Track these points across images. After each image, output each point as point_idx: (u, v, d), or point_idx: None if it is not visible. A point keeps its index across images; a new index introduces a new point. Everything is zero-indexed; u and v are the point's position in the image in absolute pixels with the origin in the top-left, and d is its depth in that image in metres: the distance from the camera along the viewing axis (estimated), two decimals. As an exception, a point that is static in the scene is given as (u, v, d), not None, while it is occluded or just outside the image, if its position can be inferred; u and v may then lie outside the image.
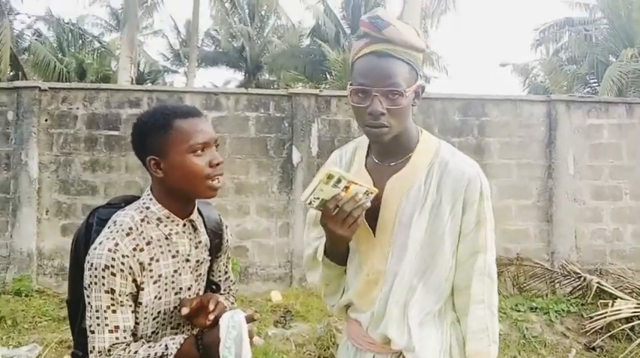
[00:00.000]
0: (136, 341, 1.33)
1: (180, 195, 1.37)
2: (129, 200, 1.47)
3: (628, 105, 6.76)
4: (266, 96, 6.48)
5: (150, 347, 1.31)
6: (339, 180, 1.22)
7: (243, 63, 19.44)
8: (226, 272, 1.61)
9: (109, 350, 1.28)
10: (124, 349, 1.29)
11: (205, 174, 1.32)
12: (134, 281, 1.30)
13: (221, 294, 1.53)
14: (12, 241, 5.76)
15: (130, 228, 1.33)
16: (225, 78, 32.00)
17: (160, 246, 1.36)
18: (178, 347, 1.29)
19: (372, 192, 1.27)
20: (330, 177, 1.21)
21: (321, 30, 15.98)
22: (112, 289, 1.27)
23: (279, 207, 6.18)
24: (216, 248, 1.51)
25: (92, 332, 1.29)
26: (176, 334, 1.39)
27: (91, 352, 1.29)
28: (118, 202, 1.46)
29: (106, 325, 1.28)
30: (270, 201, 6.17)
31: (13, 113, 5.92)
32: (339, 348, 1.57)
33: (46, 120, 6.00)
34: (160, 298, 1.35)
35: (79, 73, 15.10)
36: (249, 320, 1.30)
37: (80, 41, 16.74)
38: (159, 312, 1.36)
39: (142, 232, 1.34)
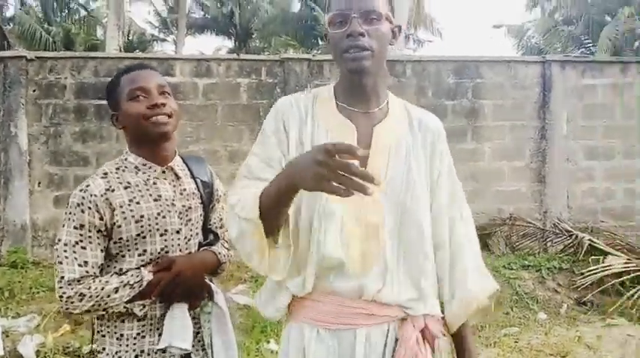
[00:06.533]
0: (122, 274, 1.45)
1: (140, 139, 1.51)
2: None
3: (623, 65, 6.72)
4: (257, 61, 6.39)
5: (122, 277, 1.42)
6: None
7: (233, 29, 19.07)
8: (221, 219, 1.68)
9: (79, 280, 1.39)
10: (94, 280, 1.40)
11: (142, 114, 1.45)
12: (102, 218, 1.42)
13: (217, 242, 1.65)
14: (5, 214, 5.75)
15: (105, 173, 1.49)
16: (214, 45, 31.52)
17: (140, 191, 1.48)
18: (152, 277, 1.42)
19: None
20: None
21: (312, -7, 15.65)
22: (81, 225, 1.42)
23: (273, 173, 6.17)
24: (208, 197, 1.61)
25: (60, 263, 1.41)
26: None
27: (59, 281, 1.40)
28: None
29: (75, 258, 1.41)
30: (263, 168, 6.16)
31: (-1, 84, 5.83)
32: (285, 338, 1.30)
33: (34, 90, 5.92)
34: (144, 237, 1.46)
35: (65, 42, 14.79)
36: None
37: (66, 10, 16.35)
38: (144, 250, 1.46)
39: (119, 177, 1.48)
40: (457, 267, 1.33)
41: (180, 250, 1.50)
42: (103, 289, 1.39)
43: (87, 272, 1.40)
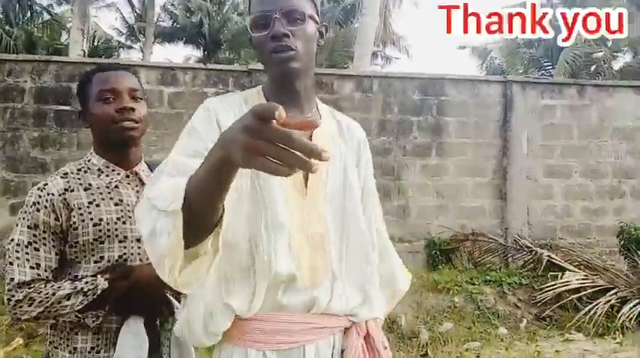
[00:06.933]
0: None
1: (105, 141, 1.46)
2: None
3: (580, 87, 6.98)
4: (225, 72, 6.35)
5: (76, 283, 1.35)
6: None
7: (202, 39, 18.95)
8: None
9: (30, 284, 1.33)
10: (45, 284, 1.34)
11: (110, 117, 1.41)
12: (57, 219, 1.37)
13: None
14: (-45, 220, 5.49)
15: (65, 173, 1.44)
16: (183, 54, 31.19)
17: (101, 193, 1.43)
18: (106, 285, 1.34)
19: None
20: None
21: (282, 7, 15.68)
22: (35, 224, 1.36)
23: (239, 184, 6.11)
24: None
25: (11, 263, 1.34)
26: None
27: (8, 283, 1.33)
28: None
29: (27, 260, 1.34)
30: (229, 179, 6.09)
31: (-46, 85, 5.60)
32: None
33: (-9, 93, 5.70)
34: (102, 242, 1.39)
35: (27, 46, 14.38)
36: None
37: (29, 12, 15.92)
38: (101, 257, 1.39)
39: (80, 178, 1.43)
40: (386, 265, 1.37)
41: (140, 260, 1.42)
42: (54, 294, 1.32)
43: (38, 275, 1.34)
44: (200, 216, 0.89)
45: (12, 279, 1.33)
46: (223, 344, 1.16)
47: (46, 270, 1.36)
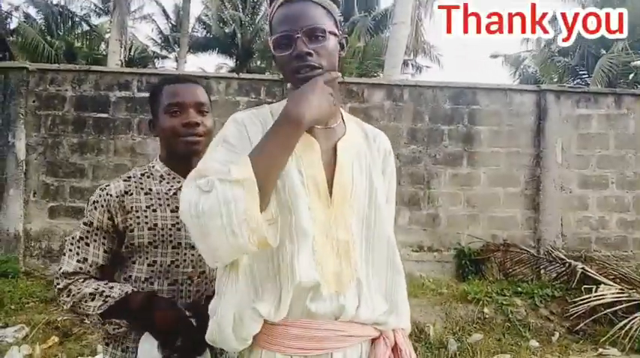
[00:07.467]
0: (128, 282, 1.44)
1: (169, 151, 1.51)
2: None
3: (617, 96, 6.81)
4: (257, 81, 6.46)
5: (103, 285, 1.39)
6: None
7: (235, 49, 19.26)
8: None
9: (72, 275, 1.41)
10: (84, 279, 1.41)
11: (176, 131, 1.46)
12: (111, 219, 1.43)
13: None
14: (-1, 222, 5.73)
15: (129, 177, 1.50)
16: (215, 64, 31.71)
17: (159, 199, 1.47)
18: (122, 295, 1.36)
19: None
20: None
21: (313, 17, 15.79)
22: (90, 222, 1.44)
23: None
24: None
25: (64, 254, 1.45)
26: (173, 291, 1.43)
27: (57, 271, 1.44)
28: None
29: (77, 253, 1.43)
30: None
31: (-1, 94, 5.86)
32: None
33: (34, 101, 5.94)
34: (156, 247, 1.43)
35: (68, 56, 14.91)
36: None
37: (69, 24, 16.51)
38: (154, 261, 1.44)
39: (142, 183, 1.49)
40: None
41: (192, 266, 1.44)
42: (81, 291, 1.37)
43: (81, 269, 1.41)
44: (262, 181, 1.04)
45: (60, 268, 1.42)
46: (253, 349, 1.19)
47: (91, 265, 1.42)
